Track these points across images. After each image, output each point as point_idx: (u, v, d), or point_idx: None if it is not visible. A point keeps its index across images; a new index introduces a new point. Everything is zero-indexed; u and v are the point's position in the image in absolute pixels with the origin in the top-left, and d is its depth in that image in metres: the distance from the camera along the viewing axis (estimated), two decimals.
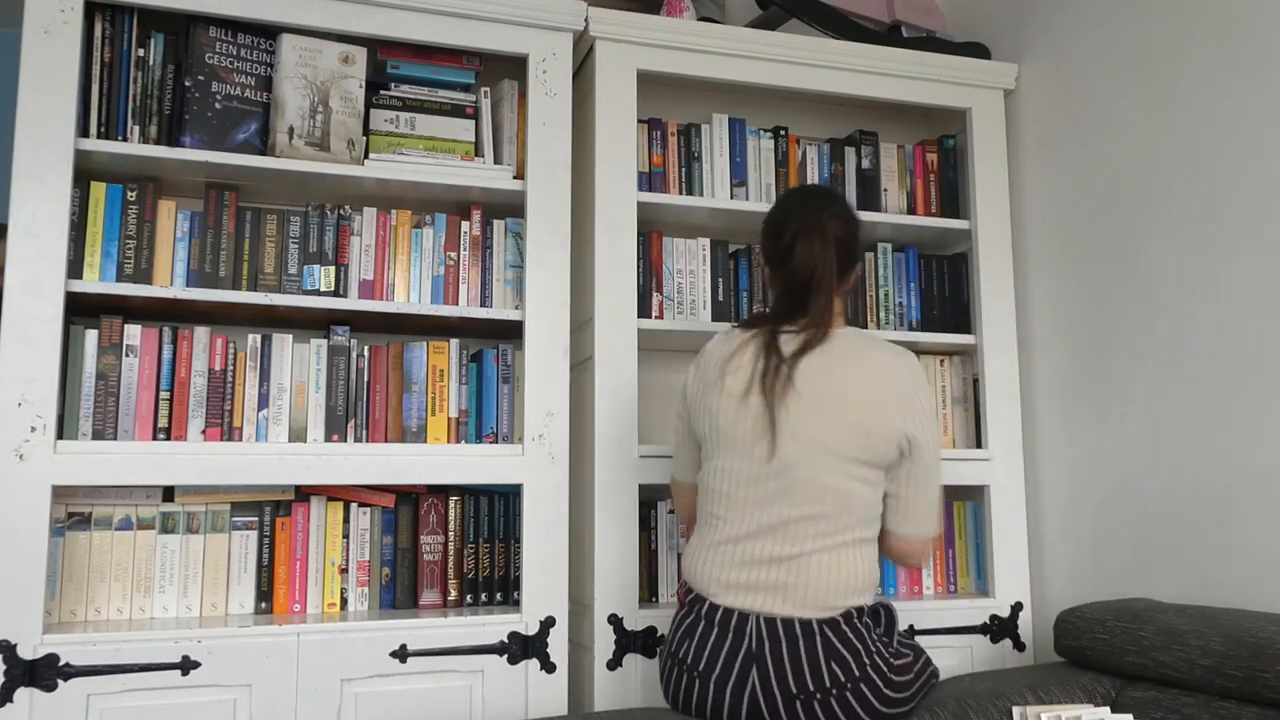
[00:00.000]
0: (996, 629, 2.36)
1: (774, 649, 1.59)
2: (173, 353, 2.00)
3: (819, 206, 1.72)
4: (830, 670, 1.58)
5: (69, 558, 1.96)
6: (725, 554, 1.66)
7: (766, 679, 1.58)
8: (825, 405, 1.64)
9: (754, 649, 1.60)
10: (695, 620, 1.67)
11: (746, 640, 1.61)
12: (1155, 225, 2.16)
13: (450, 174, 2.14)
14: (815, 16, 2.44)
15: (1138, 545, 2.17)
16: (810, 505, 1.63)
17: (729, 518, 1.67)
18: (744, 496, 1.66)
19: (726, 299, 2.38)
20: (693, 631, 1.66)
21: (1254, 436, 1.93)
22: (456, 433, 2.14)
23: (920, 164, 2.56)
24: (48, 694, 1.77)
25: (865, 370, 1.66)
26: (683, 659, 1.66)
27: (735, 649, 1.61)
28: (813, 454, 1.63)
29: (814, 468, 1.63)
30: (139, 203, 1.99)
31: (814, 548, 1.62)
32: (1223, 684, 1.65)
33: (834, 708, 1.57)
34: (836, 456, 1.63)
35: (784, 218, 1.73)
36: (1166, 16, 2.15)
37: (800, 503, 1.63)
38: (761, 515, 1.65)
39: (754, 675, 1.59)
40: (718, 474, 1.70)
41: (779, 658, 1.58)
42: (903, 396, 1.67)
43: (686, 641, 1.66)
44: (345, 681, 1.93)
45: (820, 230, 1.68)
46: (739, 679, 1.60)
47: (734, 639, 1.62)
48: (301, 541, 2.09)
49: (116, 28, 1.99)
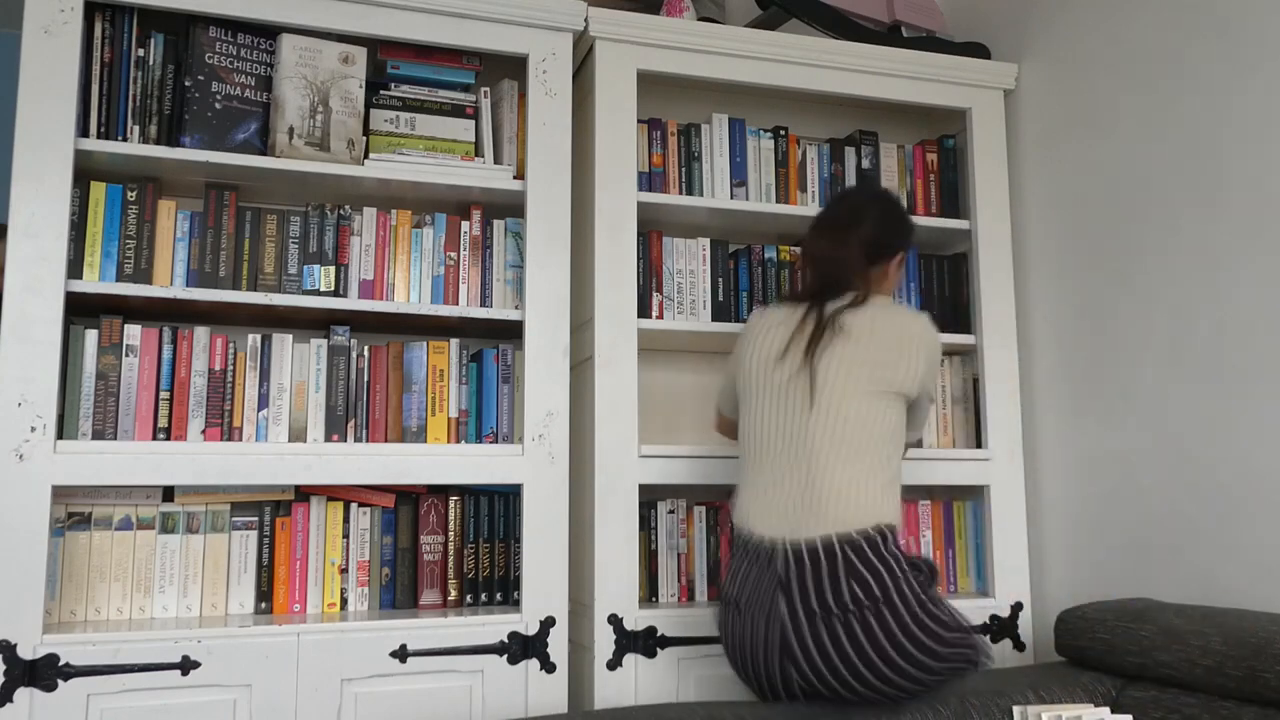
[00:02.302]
0: (997, 629, 2.36)
1: (799, 572, 1.67)
2: (173, 353, 2.00)
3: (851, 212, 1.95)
4: (851, 589, 1.63)
5: (69, 558, 1.96)
6: (760, 491, 1.78)
7: (792, 603, 1.65)
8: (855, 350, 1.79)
9: (782, 576, 1.69)
10: (740, 559, 1.79)
11: (774, 568, 1.70)
12: (1155, 225, 2.16)
13: (450, 174, 2.14)
14: (815, 16, 2.44)
15: (1138, 545, 2.17)
16: (830, 434, 1.75)
17: (764, 459, 1.80)
18: (777, 440, 1.79)
19: (726, 299, 2.38)
20: (738, 570, 1.79)
21: (1254, 436, 1.93)
22: (456, 433, 2.14)
23: (920, 164, 2.56)
24: (48, 694, 1.77)
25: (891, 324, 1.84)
26: (730, 598, 1.79)
27: (769, 578, 1.70)
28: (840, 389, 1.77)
29: (840, 398, 1.76)
30: (139, 203, 1.99)
31: (835, 469, 1.72)
32: (1223, 684, 1.65)
33: (854, 626, 1.61)
34: (862, 389, 1.77)
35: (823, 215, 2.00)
36: (1166, 16, 2.15)
37: (825, 434, 1.75)
38: (792, 452, 1.77)
39: (782, 602, 1.67)
40: (756, 422, 1.84)
41: (803, 580, 1.66)
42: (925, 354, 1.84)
43: (733, 581, 1.79)
44: (345, 681, 1.93)
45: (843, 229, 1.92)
46: (771, 607, 1.68)
47: (768, 569, 1.72)
48: (301, 541, 2.09)
49: (116, 28, 1.99)
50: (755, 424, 1.84)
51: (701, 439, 2.53)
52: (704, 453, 2.23)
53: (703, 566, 2.33)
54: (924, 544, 2.45)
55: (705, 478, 2.23)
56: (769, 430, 1.81)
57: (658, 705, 1.72)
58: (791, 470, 1.76)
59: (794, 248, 2.46)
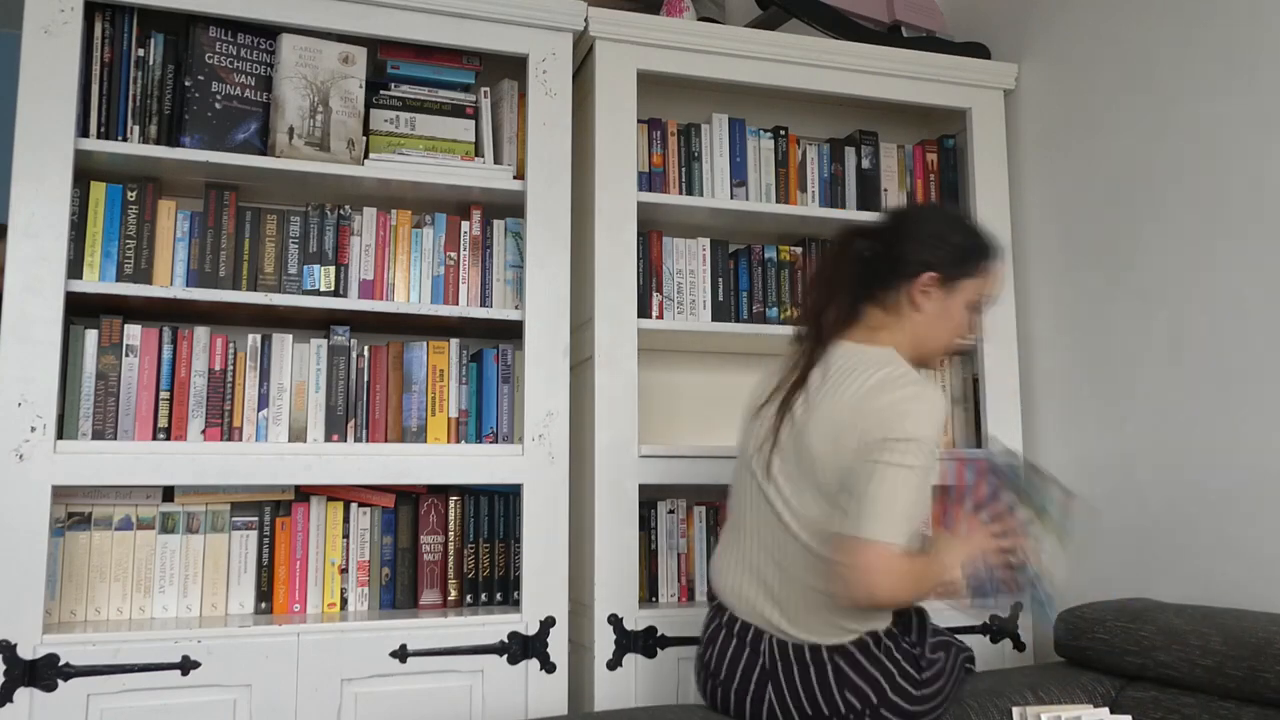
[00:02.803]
0: (997, 629, 2.36)
1: (786, 670, 1.57)
2: (173, 353, 2.00)
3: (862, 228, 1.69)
4: (845, 699, 1.53)
5: (69, 558, 1.96)
6: (740, 567, 1.66)
7: (782, 698, 1.57)
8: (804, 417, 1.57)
9: (768, 667, 1.59)
10: (718, 628, 1.68)
11: (761, 657, 1.60)
12: (1155, 225, 2.16)
13: (450, 174, 2.14)
14: (815, 16, 2.44)
15: (1138, 545, 2.17)
16: (800, 519, 1.56)
17: (741, 530, 1.67)
18: (749, 511, 1.65)
19: (726, 299, 2.38)
20: (715, 638, 1.67)
21: (1254, 436, 1.93)
22: (456, 433, 2.14)
23: (920, 164, 2.56)
24: (48, 694, 1.77)
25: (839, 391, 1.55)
26: (707, 664, 1.68)
27: (752, 664, 1.61)
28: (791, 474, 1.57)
29: (796, 481, 1.57)
30: (139, 203, 1.99)
31: (804, 573, 1.56)
32: (1223, 684, 1.65)
33: None
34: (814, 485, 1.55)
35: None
36: (1166, 17, 2.15)
37: (791, 518, 1.58)
38: (761, 533, 1.62)
39: (770, 692, 1.58)
40: (736, 485, 1.71)
41: (792, 680, 1.56)
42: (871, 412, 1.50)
43: (711, 648, 1.68)
44: (345, 681, 1.93)
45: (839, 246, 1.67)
46: (756, 693, 1.60)
47: (750, 654, 1.61)
48: (301, 541, 2.09)
49: (116, 28, 1.99)
50: (734, 486, 1.70)
51: (701, 439, 2.53)
52: (704, 453, 2.24)
53: (703, 566, 2.33)
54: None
55: (705, 478, 2.23)
56: (741, 501, 1.66)
57: (657, 706, 1.72)
58: (770, 564, 1.60)
59: (794, 248, 2.46)
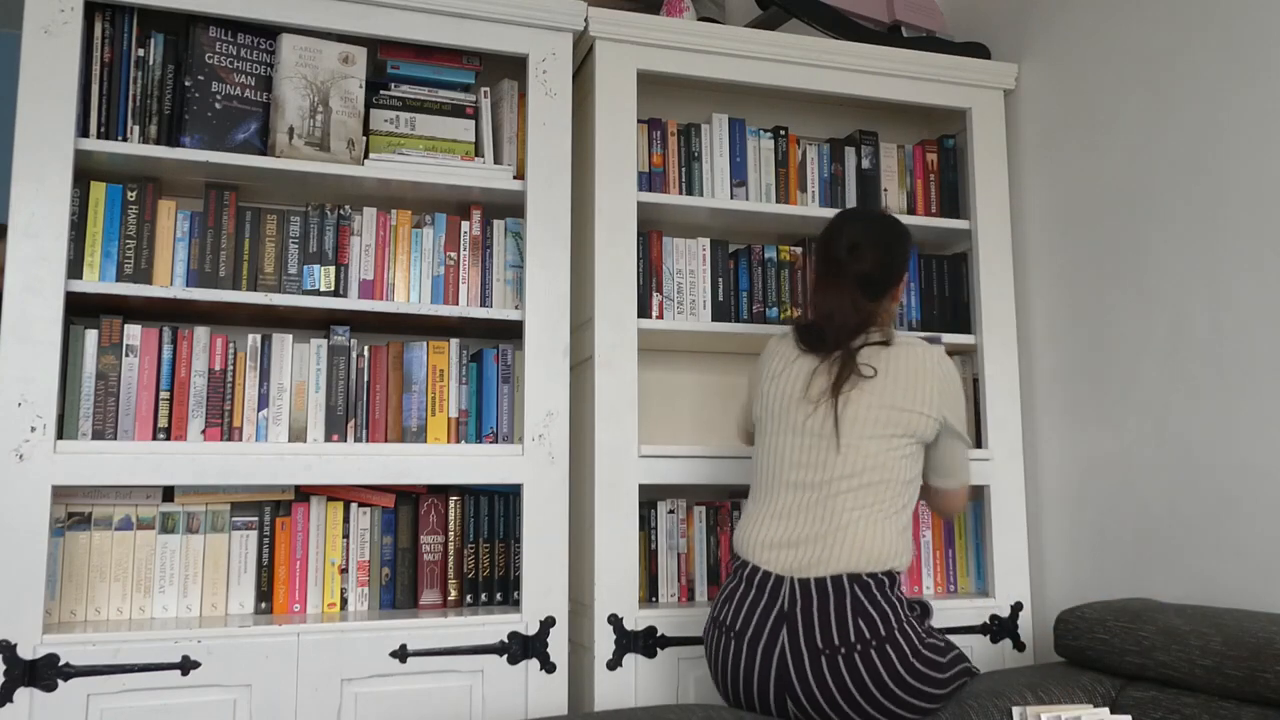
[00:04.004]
0: (997, 629, 2.36)
1: (805, 606, 1.68)
2: (173, 353, 2.00)
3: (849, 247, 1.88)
4: (856, 626, 1.65)
5: (69, 558, 1.96)
6: (770, 522, 1.78)
7: (795, 637, 1.65)
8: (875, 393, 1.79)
9: (786, 608, 1.69)
10: (737, 584, 1.78)
11: (780, 600, 1.70)
12: (1155, 225, 2.16)
13: (450, 174, 2.14)
14: (815, 16, 2.44)
15: (1138, 545, 2.17)
16: (850, 475, 1.75)
17: (777, 492, 1.80)
18: (794, 476, 1.79)
19: (726, 299, 2.38)
20: (733, 595, 1.77)
21: (1254, 436, 1.93)
22: (456, 433, 2.14)
23: (920, 164, 2.56)
24: (48, 694, 1.77)
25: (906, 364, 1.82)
26: (722, 621, 1.77)
27: (769, 609, 1.70)
28: (860, 432, 1.77)
29: (861, 440, 1.77)
30: (139, 203, 1.99)
31: (850, 514, 1.73)
32: (1223, 684, 1.65)
33: (857, 664, 1.63)
34: (881, 432, 1.77)
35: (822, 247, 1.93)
36: (1166, 17, 2.15)
37: (846, 475, 1.76)
38: (810, 490, 1.77)
39: (784, 634, 1.67)
40: (772, 455, 1.83)
41: (809, 615, 1.67)
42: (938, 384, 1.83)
43: (727, 605, 1.78)
44: (345, 681, 1.93)
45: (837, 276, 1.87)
46: (770, 638, 1.68)
47: (769, 599, 1.71)
48: (301, 541, 2.09)
49: (116, 28, 1.99)
50: (772, 457, 1.84)
51: (701, 439, 2.54)
52: (704, 453, 2.24)
53: (703, 566, 2.33)
54: (924, 544, 2.45)
55: (705, 478, 2.23)
56: (785, 465, 1.81)
57: (657, 706, 1.72)
58: (808, 508, 1.76)
59: (794, 247, 2.46)
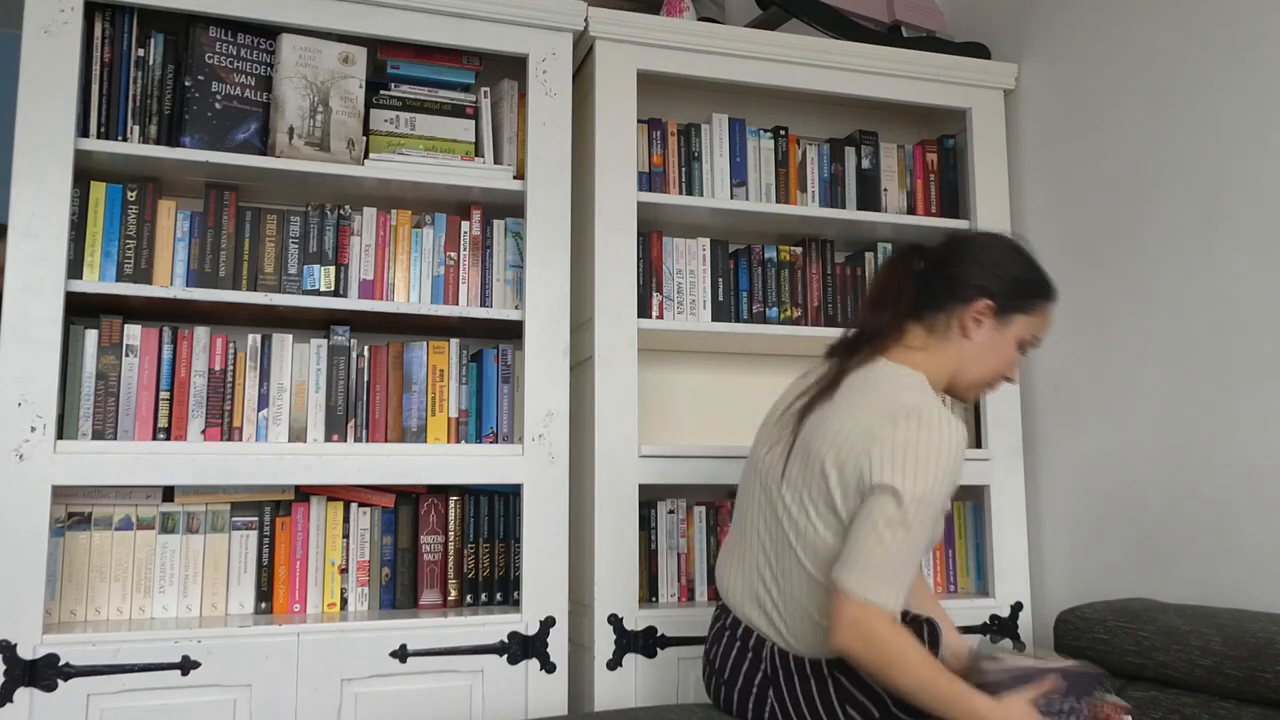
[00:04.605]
0: (997, 629, 2.36)
1: (787, 680, 1.56)
2: (173, 353, 2.00)
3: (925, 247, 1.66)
4: (846, 713, 1.52)
5: (69, 558, 1.96)
6: (742, 572, 1.64)
7: (784, 704, 1.56)
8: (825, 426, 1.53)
9: (769, 674, 1.58)
10: (722, 628, 1.66)
11: (763, 664, 1.59)
12: (1155, 225, 2.16)
13: (450, 174, 2.14)
14: (815, 16, 2.44)
15: (1138, 545, 2.17)
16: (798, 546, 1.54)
17: (745, 534, 1.66)
18: (754, 518, 1.64)
19: (726, 299, 2.38)
20: (720, 639, 1.66)
21: (1254, 436, 1.93)
22: (456, 433, 2.14)
23: (920, 164, 2.56)
24: (48, 694, 1.77)
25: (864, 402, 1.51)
26: (712, 661, 1.67)
27: (754, 669, 1.60)
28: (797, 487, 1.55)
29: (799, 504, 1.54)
30: (139, 203, 1.99)
31: (802, 595, 1.54)
32: (1223, 684, 1.65)
33: None
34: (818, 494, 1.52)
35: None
36: (1166, 16, 2.15)
37: (791, 541, 1.55)
38: (765, 542, 1.61)
39: (772, 697, 1.58)
40: (742, 488, 1.71)
41: (793, 690, 1.55)
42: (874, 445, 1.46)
43: (715, 646, 1.67)
44: (345, 681, 1.93)
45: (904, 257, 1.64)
46: (759, 697, 1.59)
47: (753, 658, 1.60)
48: (301, 541, 2.09)
49: (116, 28, 1.99)
50: (741, 489, 1.70)
51: (702, 439, 2.53)
52: (704, 453, 2.24)
53: (703, 566, 2.33)
54: None
55: (705, 478, 2.23)
56: (747, 506, 1.65)
57: (657, 706, 1.72)
58: (766, 564, 1.58)
59: (794, 248, 2.46)
